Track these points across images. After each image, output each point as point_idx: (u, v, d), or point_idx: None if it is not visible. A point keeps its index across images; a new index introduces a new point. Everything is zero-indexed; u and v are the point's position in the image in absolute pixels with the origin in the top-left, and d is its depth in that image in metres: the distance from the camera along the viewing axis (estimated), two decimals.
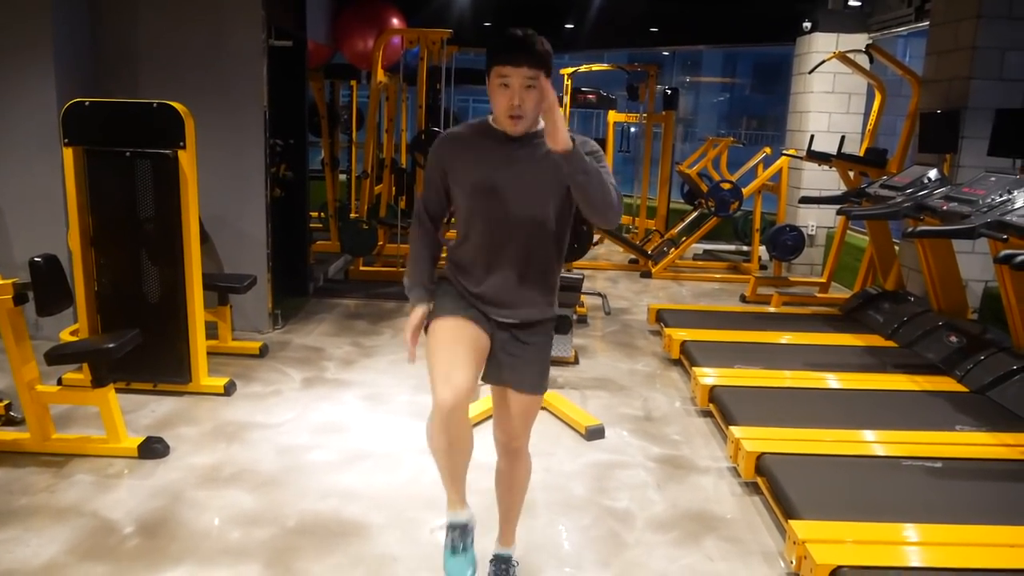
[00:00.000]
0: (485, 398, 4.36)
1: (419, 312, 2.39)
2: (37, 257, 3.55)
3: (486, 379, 2.43)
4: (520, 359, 2.38)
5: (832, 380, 4.56)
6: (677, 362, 5.24)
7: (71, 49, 5.04)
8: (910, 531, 2.90)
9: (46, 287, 3.57)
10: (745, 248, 9.08)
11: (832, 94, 8.12)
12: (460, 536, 2.31)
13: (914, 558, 2.77)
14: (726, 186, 8.12)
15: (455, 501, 2.34)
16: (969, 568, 2.71)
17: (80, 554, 2.85)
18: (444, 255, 2.49)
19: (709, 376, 4.45)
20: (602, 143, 9.61)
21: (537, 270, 2.35)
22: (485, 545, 3.00)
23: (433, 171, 2.40)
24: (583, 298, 6.69)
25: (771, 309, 6.73)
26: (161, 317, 4.31)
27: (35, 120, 4.93)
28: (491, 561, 2.67)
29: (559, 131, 2.04)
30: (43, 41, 4.87)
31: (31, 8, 4.83)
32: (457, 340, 2.28)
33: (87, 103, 4.12)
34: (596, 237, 9.09)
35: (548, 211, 2.29)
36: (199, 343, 4.34)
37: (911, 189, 5.00)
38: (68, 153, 4.12)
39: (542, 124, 2.25)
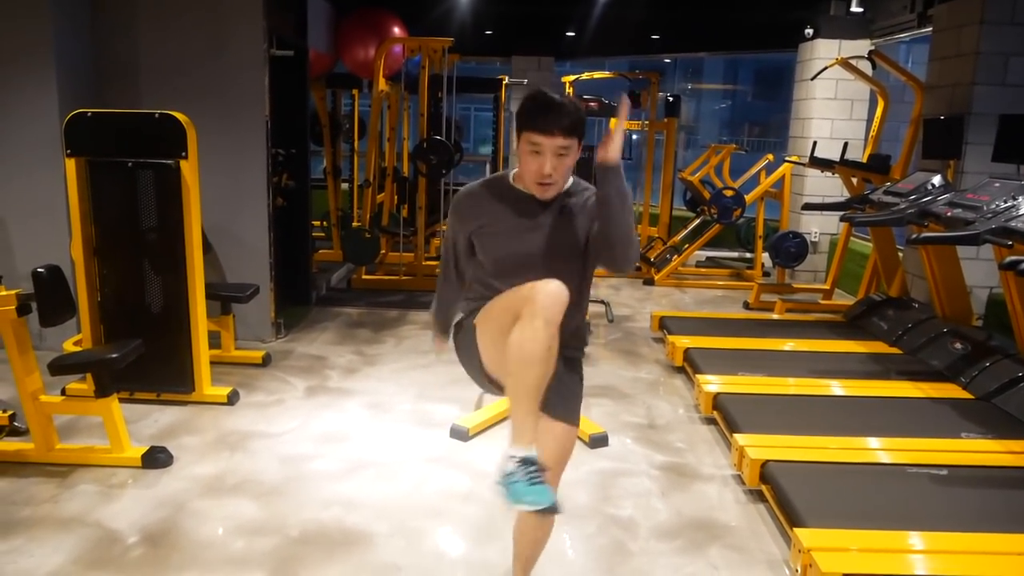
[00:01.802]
0: (488, 407, 4.35)
1: (441, 338, 2.60)
2: (40, 268, 3.55)
3: None
4: (559, 386, 2.27)
5: (836, 387, 4.55)
6: (680, 369, 5.23)
7: (72, 59, 5.05)
8: (916, 539, 2.88)
9: (49, 298, 3.57)
10: (748, 255, 9.06)
11: (835, 100, 8.11)
12: (536, 471, 1.95)
13: (920, 566, 2.76)
14: (728, 193, 8.11)
15: (529, 435, 1.99)
16: None
17: (84, 565, 2.84)
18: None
19: (713, 383, 4.44)
20: None
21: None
22: (489, 554, 2.99)
23: (456, 232, 2.34)
24: None
25: (774, 316, 6.71)
26: (164, 327, 4.31)
27: (37, 130, 4.95)
28: None
29: (614, 143, 2.06)
30: (44, 51, 4.88)
31: (31, 18, 4.86)
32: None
33: (89, 114, 4.13)
34: None
35: (573, 271, 2.26)
36: (202, 352, 4.34)
37: (915, 195, 4.99)
38: (70, 164, 4.13)
39: (569, 183, 2.25)
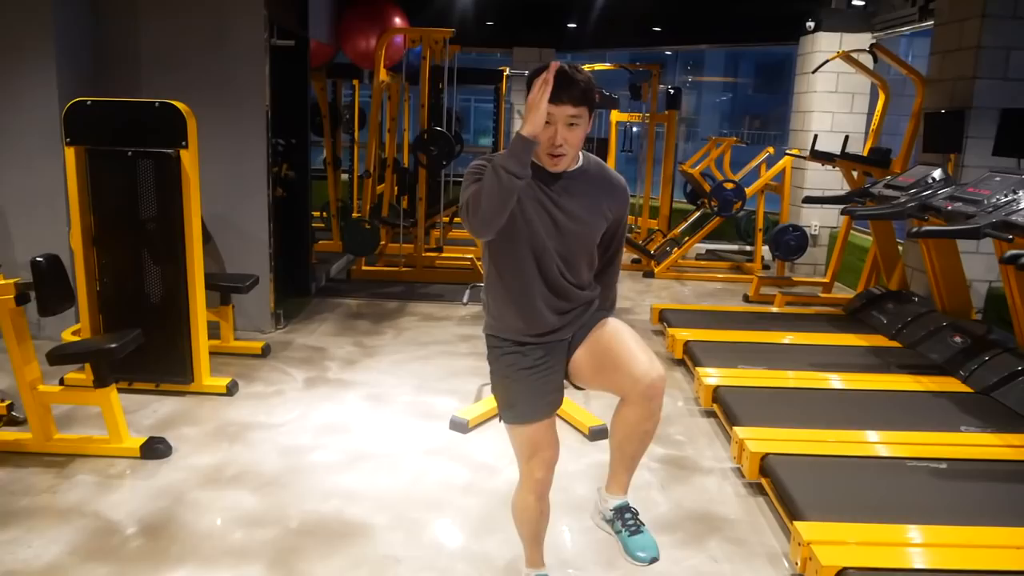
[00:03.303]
0: (487, 399, 4.35)
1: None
2: (39, 257, 3.54)
3: (577, 358, 2.37)
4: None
5: (836, 380, 4.54)
6: (680, 362, 5.23)
7: (72, 48, 5.03)
8: (915, 532, 2.88)
9: (48, 287, 3.56)
10: (748, 248, 9.05)
11: (836, 94, 8.09)
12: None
13: (919, 559, 2.76)
14: (729, 186, 8.09)
15: (536, 561, 2.58)
16: (974, 570, 2.69)
17: (82, 555, 2.84)
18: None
19: (712, 376, 4.44)
20: (605, 143, 9.62)
21: (582, 288, 2.31)
22: (489, 546, 2.99)
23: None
24: None
25: (774, 309, 6.71)
26: (163, 317, 4.30)
27: (36, 119, 4.92)
28: (614, 511, 2.37)
29: None
30: (44, 40, 4.86)
31: (32, 6, 4.82)
32: (542, 428, 2.34)
33: (89, 102, 4.12)
34: None
35: (591, 246, 2.27)
36: (201, 343, 4.34)
37: (915, 189, 4.97)
38: (70, 152, 4.11)
39: (580, 162, 2.23)
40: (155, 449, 3.62)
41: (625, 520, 2.32)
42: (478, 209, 2.08)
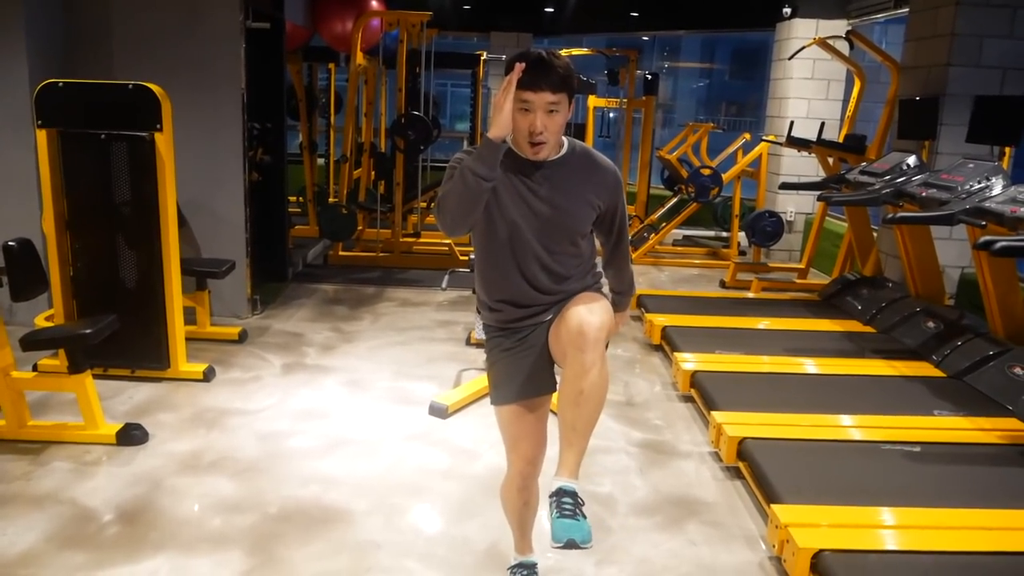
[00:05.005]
0: (466, 384, 4.35)
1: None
2: (11, 241, 3.48)
3: (550, 334, 2.25)
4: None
5: (812, 365, 4.59)
6: (658, 347, 5.26)
7: (43, 28, 4.91)
8: (890, 515, 2.93)
9: (20, 272, 3.50)
10: (724, 234, 9.11)
11: (811, 80, 8.14)
12: (529, 572, 2.50)
13: (894, 541, 2.80)
14: (706, 172, 8.13)
15: (524, 547, 2.61)
16: (948, 551, 2.74)
17: (58, 543, 2.81)
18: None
19: (690, 361, 4.47)
20: (582, 128, 9.61)
21: (566, 278, 2.27)
22: (469, 530, 3.00)
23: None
24: None
25: (750, 295, 6.77)
26: (138, 302, 4.24)
27: (7, 101, 4.81)
28: (552, 495, 1.99)
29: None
30: (14, 19, 4.74)
31: None
32: (520, 416, 2.31)
33: (60, 84, 4.03)
34: None
35: (575, 236, 2.22)
36: (177, 328, 4.29)
37: (890, 176, 5.03)
38: (41, 135, 4.03)
39: (564, 149, 2.19)
40: (131, 435, 3.58)
41: (561, 504, 1.94)
42: (447, 210, 2.10)
